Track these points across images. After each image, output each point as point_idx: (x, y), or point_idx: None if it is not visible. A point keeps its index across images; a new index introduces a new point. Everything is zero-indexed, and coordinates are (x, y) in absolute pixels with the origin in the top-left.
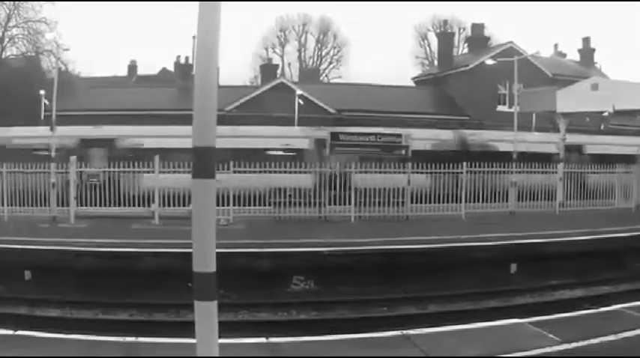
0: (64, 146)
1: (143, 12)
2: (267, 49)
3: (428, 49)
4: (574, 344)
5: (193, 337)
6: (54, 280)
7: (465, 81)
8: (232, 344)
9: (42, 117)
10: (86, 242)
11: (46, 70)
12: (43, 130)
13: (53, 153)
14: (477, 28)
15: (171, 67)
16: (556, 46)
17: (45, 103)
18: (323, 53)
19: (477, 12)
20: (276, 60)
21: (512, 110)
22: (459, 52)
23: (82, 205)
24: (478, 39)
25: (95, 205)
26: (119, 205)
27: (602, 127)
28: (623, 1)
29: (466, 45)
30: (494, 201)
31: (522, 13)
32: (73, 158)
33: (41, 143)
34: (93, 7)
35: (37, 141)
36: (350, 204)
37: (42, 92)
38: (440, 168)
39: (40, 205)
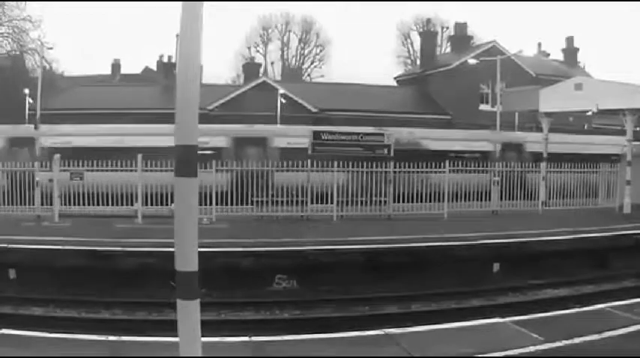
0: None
1: (126, 11)
2: (249, 48)
3: (411, 48)
4: (557, 343)
5: (176, 335)
6: (39, 279)
7: (448, 80)
8: (215, 342)
9: (26, 115)
10: (69, 240)
11: (30, 68)
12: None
13: (38, 152)
14: (460, 27)
15: (154, 66)
16: (539, 45)
17: (29, 102)
18: (305, 52)
19: (460, 11)
20: (259, 59)
21: (494, 109)
22: (442, 51)
23: (66, 204)
24: (461, 38)
25: (79, 204)
26: (103, 204)
27: None
28: (607, 1)
29: (449, 44)
30: (477, 200)
31: (506, 12)
32: (57, 156)
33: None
34: (76, 6)
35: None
36: (332, 203)
37: (26, 91)
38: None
39: (25, 204)
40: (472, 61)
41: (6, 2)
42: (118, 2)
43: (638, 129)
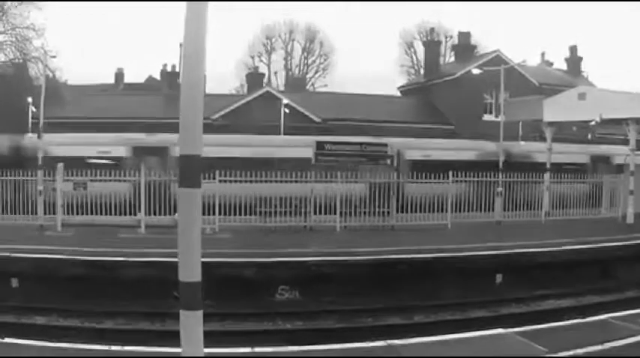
0: None
1: (129, 20)
2: (253, 58)
3: (414, 57)
4: (561, 354)
5: (179, 346)
6: (41, 288)
7: (451, 90)
8: (218, 353)
9: (29, 124)
10: (72, 250)
11: (34, 77)
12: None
13: (40, 161)
14: (464, 36)
15: (157, 76)
16: (543, 54)
17: (32, 110)
18: (309, 61)
19: (463, 20)
20: (263, 68)
21: (498, 119)
22: (446, 61)
23: (69, 213)
24: (464, 47)
25: (82, 213)
26: (106, 214)
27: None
28: (611, 1)
29: (452, 53)
30: (480, 211)
31: (510, 21)
32: (60, 165)
33: None
34: (79, 14)
35: None
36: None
37: (29, 99)
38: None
39: (28, 213)
40: (476, 71)
41: (9, 11)
42: (120, 4)
43: None
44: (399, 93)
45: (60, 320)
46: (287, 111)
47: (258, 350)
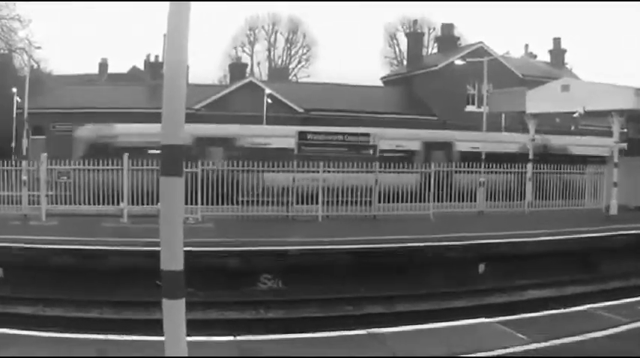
0: None
1: (114, 10)
2: (236, 48)
3: (397, 49)
4: (543, 344)
5: (162, 334)
6: (27, 277)
7: (434, 81)
8: (200, 342)
9: (14, 114)
10: (56, 240)
11: (19, 67)
12: None
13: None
14: (447, 28)
15: (141, 66)
16: (527, 46)
17: (17, 101)
18: (292, 52)
19: (447, 12)
20: (246, 59)
21: (481, 110)
22: (429, 52)
23: (53, 203)
24: (448, 39)
25: (66, 203)
26: (89, 203)
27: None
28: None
29: (436, 45)
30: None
31: (493, 13)
32: (44, 155)
33: None
34: (62, 3)
35: None
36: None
37: (14, 90)
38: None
39: (11, 203)
40: (459, 62)
41: None
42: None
43: (624, 130)
44: (381, 84)
45: (46, 309)
46: (270, 101)
47: (240, 338)
